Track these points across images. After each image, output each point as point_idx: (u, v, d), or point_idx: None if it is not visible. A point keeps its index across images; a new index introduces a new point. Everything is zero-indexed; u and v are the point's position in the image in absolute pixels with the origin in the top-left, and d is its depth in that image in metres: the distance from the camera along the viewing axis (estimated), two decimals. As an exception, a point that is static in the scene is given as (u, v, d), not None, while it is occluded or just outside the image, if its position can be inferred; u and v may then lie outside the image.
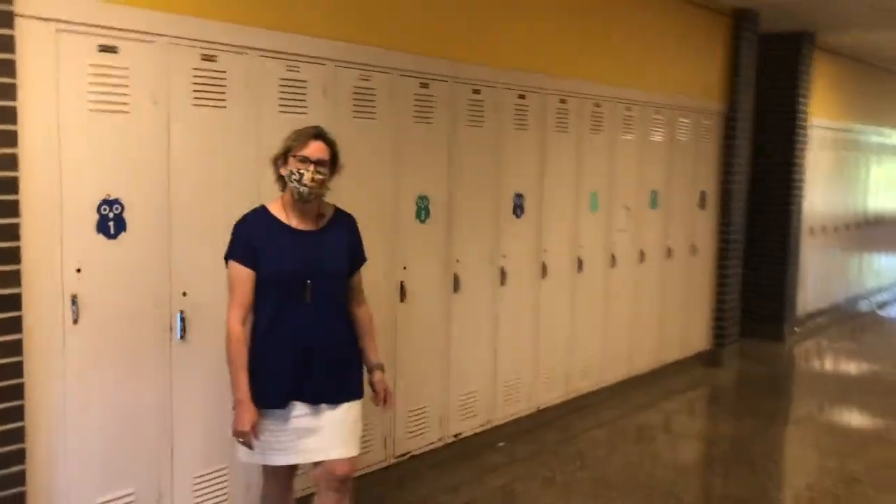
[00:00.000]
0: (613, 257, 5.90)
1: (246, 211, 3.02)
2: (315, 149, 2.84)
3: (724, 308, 7.23)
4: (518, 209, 5.02)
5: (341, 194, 3.91)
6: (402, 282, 4.31)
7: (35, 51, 2.83)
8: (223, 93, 3.42)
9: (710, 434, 5.55)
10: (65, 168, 2.94)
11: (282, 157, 2.87)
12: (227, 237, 3.49)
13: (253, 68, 3.52)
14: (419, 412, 4.50)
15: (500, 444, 5.00)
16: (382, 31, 4.10)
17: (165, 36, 3.19)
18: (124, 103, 3.09)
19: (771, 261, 8.20)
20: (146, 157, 3.18)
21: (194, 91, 3.31)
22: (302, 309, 2.84)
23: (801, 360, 7.96)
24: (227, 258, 2.88)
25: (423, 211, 4.40)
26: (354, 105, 3.97)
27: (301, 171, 2.80)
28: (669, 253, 6.56)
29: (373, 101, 4.06)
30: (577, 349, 5.65)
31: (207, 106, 3.37)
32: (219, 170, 3.42)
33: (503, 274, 4.94)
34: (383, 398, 3.17)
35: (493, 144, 4.80)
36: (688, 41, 6.57)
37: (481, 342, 4.87)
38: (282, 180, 2.88)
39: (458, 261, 4.63)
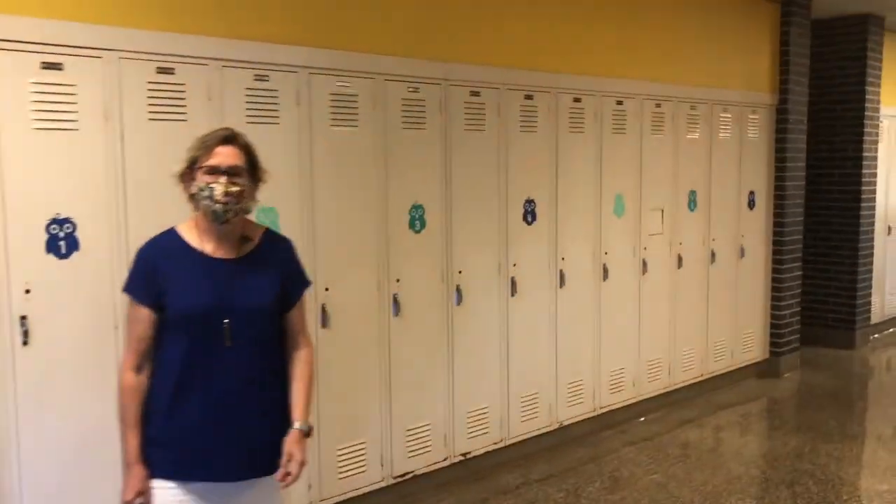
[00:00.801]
0: (645, 263, 5.56)
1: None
2: (225, 155, 2.30)
3: (780, 314, 6.73)
4: (529, 215, 4.77)
5: (322, 206, 3.80)
6: (395, 295, 4.14)
7: (-31, 71, 2.82)
8: (183, 106, 3.34)
9: (754, 452, 5.12)
10: (8, 188, 2.92)
11: (188, 172, 2.33)
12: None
13: (215, 79, 3.43)
14: (420, 430, 4.31)
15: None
16: (362, 35, 3.95)
17: (115, 50, 3.14)
18: (72, 120, 3.04)
19: (839, 262, 7.62)
20: (98, 175, 3.13)
21: (150, 105, 3.24)
22: (221, 357, 2.28)
23: (872, 369, 7.32)
24: (124, 289, 2.36)
25: (417, 220, 4.21)
26: (333, 113, 3.83)
27: (211, 186, 2.26)
28: (713, 257, 6.14)
29: (354, 108, 3.91)
30: (604, 362, 5.34)
31: (165, 120, 3.29)
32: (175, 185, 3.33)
33: (513, 284, 4.70)
34: (285, 471, 2.31)
35: (497, 149, 4.57)
36: (727, 30, 6.15)
37: (490, 356, 4.64)
38: (194, 199, 2.34)
39: (459, 272, 4.42)
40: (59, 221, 3.04)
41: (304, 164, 3.74)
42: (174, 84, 3.31)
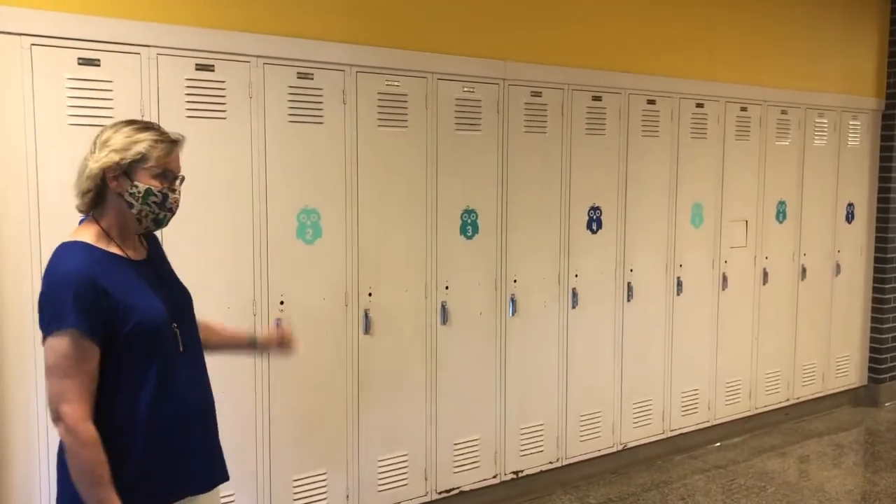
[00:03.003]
0: (725, 277, 5.18)
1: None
2: (178, 159, 2.13)
3: (881, 337, 6.17)
4: (594, 223, 4.52)
5: (367, 209, 3.67)
6: (443, 303, 3.97)
7: (4, 66, 2.83)
8: (223, 104, 3.29)
9: (840, 488, 4.65)
10: (43, 182, 2.93)
11: (118, 167, 2.01)
12: (225, 251, 3.37)
13: (257, 77, 3.36)
14: (468, 444, 4.13)
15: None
16: (414, 32, 3.81)
17: (152, 46, 3.11)
18: (108, 117, 3.01)
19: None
20: (133, 172, 3.11)
21: (188, 102, 3.20)
22: (178, 366, 2.09)
23: None
24: (56, 327, 1.91)
25: (469, 225, 4.04)
26: (381, 113, 3.71)
27: (164, 192, 2.06)
28: (804, 272, 5.68)
29: (404, 108, 3.78)
30: (676, 381, 5.00)
31: (203, 118, 3.24)
32: (215, 182, 3.28)
33: (575, 295, 4.45)
34: (288, 331, 2.51)
35: (560, 152, 4.34)
36: (825, 28, 5.69)
37: (547, 370, 4.40)
38: (98, 198, 2.05)
39: (514, 281, 4.22)
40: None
41: (350, 164, 3.64)
42: (214, 81, 3.26)
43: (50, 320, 1.92)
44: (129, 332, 1.97)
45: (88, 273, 1.94)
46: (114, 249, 2.06)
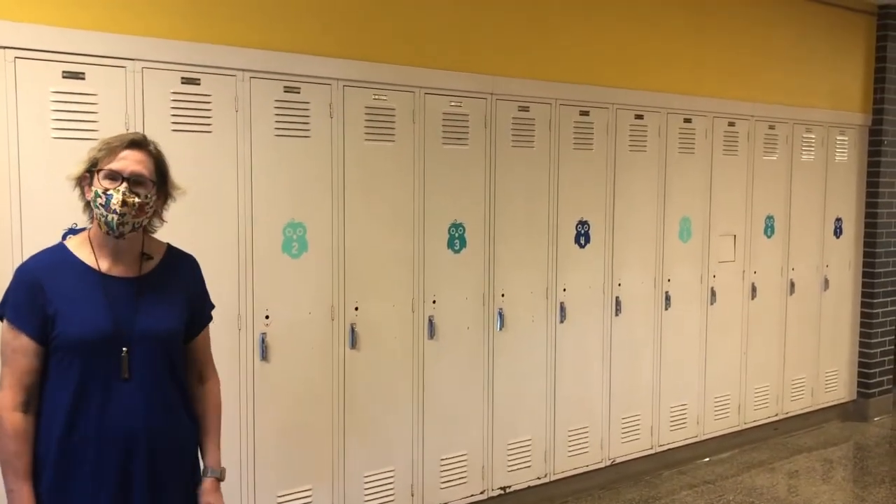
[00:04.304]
0: (713, 292, 5.18)
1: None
2: (130, 160, 2.01)
3: (869, 352, 6.18)
4: (582, 237, 4.52)
5: (353, 222, 3.67)
6: (430, 317, 3.96)
7: (-12, 79, 2.83)
8: (208, 117, 3.28)
9: (827, 503, 4.65)
10: (25, 195, 2.92)
11: (87, 175, 2.03)
12: (210, 265, 3.35)
13: (243, 91, 3.36)
14: (456, 460, 4.10)
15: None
16: (401, 47, 3.82)
17: (138, 60, 3.10)
18: (92, 129, 3.01)
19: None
20: (118, 185, 3.09)
21: (173, 116, 3.20)
22: (118, 390, 1.99)
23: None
24: (2, 313, 2.04)
25: (457, 239, 4.03)
26: (368, 127, 3.71)
27: (109, 192, 1.97)
28: (792, 287, 5.69)
29: (391, 122, 3.78)
30: (665, 396, 4.99)
31: (189, 131, 3.24)
32: (200, 196, 3.26)
33: (563, 310, 4.45)
34: None
35: (548, 167, 4.34)
36: (813, 45, 5.72)
37: (535, 385, 4.39)
38: (88, 208, 2.07)
39: (502, 295, 4.21)
40: (76, 232, 3.01)
41: (336, 178, 3.63)
42: (199, 95, 3.26)
43: (1, 305, 2.06)
44: (55, 338, 1.98)
45: (34, 268, 2.04)
46: (84, 257, 2.06)
